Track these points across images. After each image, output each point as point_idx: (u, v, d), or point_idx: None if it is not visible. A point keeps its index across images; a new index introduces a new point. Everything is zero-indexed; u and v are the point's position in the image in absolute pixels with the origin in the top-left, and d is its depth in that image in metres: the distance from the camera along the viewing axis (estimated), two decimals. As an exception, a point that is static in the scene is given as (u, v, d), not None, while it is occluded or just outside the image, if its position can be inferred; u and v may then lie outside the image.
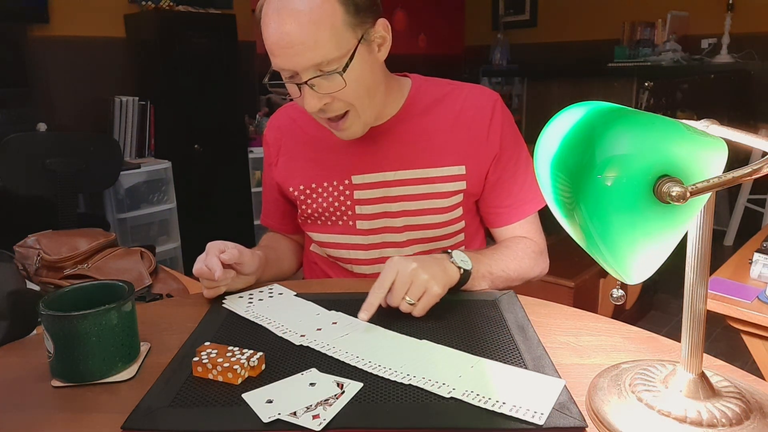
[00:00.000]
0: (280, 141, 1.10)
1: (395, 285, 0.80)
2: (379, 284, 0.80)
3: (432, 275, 0.81)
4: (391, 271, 0.80)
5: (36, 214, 2.25)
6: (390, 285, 0.80)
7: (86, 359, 0.66)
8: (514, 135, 1.04)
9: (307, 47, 0.82)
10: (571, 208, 0.49)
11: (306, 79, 0.84)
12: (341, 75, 0.85)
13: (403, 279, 0.80)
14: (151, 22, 2.80)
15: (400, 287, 0.79)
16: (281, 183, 1.09)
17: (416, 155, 1.00)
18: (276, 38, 0.83)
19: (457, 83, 1.06)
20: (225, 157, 3.08)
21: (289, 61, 0.84)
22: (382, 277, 0.81)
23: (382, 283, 0.80)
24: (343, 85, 0.86)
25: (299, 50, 0.82)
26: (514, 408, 0.58)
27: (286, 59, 0.84)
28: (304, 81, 0.85)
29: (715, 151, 0.48)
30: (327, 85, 0.86)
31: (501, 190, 1.04)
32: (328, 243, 1.07)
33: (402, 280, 0.80)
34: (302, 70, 0.84)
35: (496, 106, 1.02)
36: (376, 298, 0.79)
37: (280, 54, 0.83)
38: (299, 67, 0.84)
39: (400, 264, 0.81)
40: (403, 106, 1.02)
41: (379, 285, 0.80)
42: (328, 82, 0.86)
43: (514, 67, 4.65)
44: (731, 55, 3.51)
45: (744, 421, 0.54)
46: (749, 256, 1.37)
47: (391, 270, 0.81)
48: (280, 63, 0.85)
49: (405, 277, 0.80)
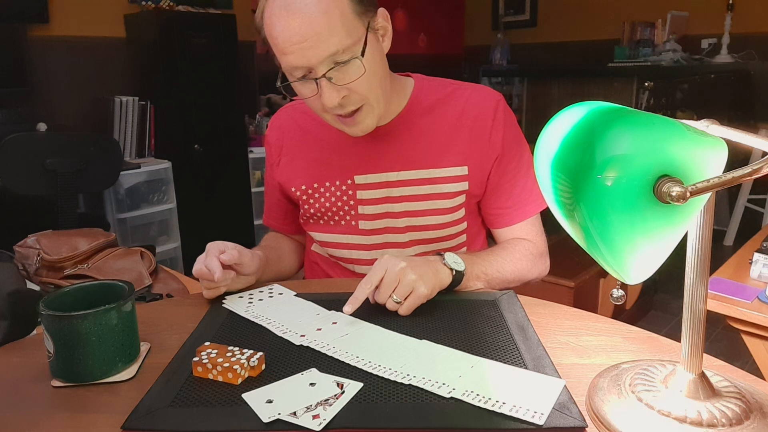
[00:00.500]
0: (281, 141, 1.10)
1: (383, 282, 0.82)
2: (367, 280, 0.82)
3: (420, 275, 0.82)
4: (380, 269, 0.82)
5: (36, 214, 2.25)
6: (378, 282, 0.82)
7: (86, 359, 0.66)
8: (517, 136, 1.04)
9: (321, 38, 0.81)
10: (571, 208, 0.49)
11: (323, 72, 0.84)
12: (360, 60, 0.84)
13: (391, 277, 0.81)
14: (151, 22, 2.80)
15: (388, 285, 0.81)
16: (283, 183, 1.09)
17: (419, 156, 1.00)
18: (288, 35, 0.82)
19: (459, 83, 1.05)
20: (225, 157, 3.08)
21: (303, 57, 0.83)
22: (370, 274, 0.82)
23: (370, 279, 0.82)
24: (362, 72, 0.85)
25: (313, 42, 0.81)
26: (514, 408, 0.58)
27: (299, 55, 0.83)
28: (321, 75, 0.84)
29: (715, 151, 0.48)
30: (344, 75, 0.85)
31: (502, 191, 1.04)
32: (330, 243, 1.07)
33: (390, 278, 0.81)
34: (317, 63, 0.83)
35: (499, 106, 1.02)
36: (363, 293, 0.81)
37: (294, 50, 0.82)
38: (314, 60, 0.83)
39: (390, 262, 0.83)
40: (406, 106, 1.02)
41: (367, 280, 0.82)
42: (345, 73, 0.85)
43: (514, 67, 4.65)
44: (731, 55, 3.51)
45: (744, 421, 0.54)
46: (749, 256, 1.37)
47: (380, 267, 0.82)
48: (293, 60, 0.84)
49: (393, 275, 0.81)
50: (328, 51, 0.82)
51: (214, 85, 2.95)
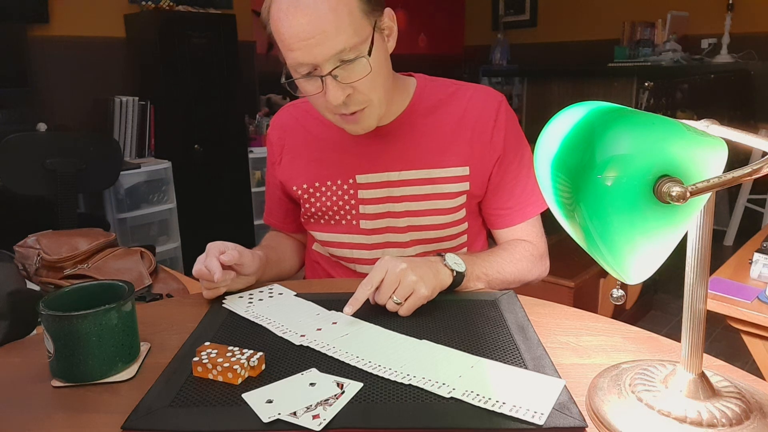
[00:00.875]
0: (283, 140, 1.10)
1: (383, 283, 0.82)
2: (368, 281, 0.82)
3: (421, 276, 0.82)
4: (381, 270, 0.82)
5: (36, 214, 2.25)
6: (378, 283, 0.82)
7: (86, 359, 0.66)
8: (518, 137, 1.04)
9: (328, 36, 0.81)
10: (571, 208, 0.49)
11: (329, 70, 0.84)
12: (367, 59, 0.84)
13: (392, 278, 0.81)
14: (151, 22, 2.80)
15: (388, 286, 0.81)
16: (285, 182, 1.09)
17: (420, 155, 1.00)
18: (295, 30, 0.82)
19: (462, 83, 1.05)
20: (225, 157, 3.08)
21: (310, 53, 0.82)
22: (371, 275, 0.82)
23: (370, 280, 0.82)
24: (367, 71, 0.85)
25: (320, 39, 0.81)
26: (514, 408, 0.58)
27: (306, 51, 0.82)
28: (327, 72, 0.84)
29: (715, 151, 0.48)
30: (349, 74, 0.85)
31: (503, 192, 1.04)
32: (331, 242, 1.07)
33: (390, 279, 0.81)
34: (324, 61, 0.83)
35: (501, 107, 1.02)
36: (363, 294, 0.81)
37: (301, 47, 0.82)
38: (321, 57, 0.83)
39: (390, 263, 0.83)
40: (409, 105, 1.02)
41: (367, 281, 0.82)
42: (351, 72, 0.85)
43: (514, 67, 4.65)
44: (731, 55, 3.51)
45: (744, 421, 0.54)
46: (749, 256, 1.37)
47: (381, 268, 0.83)
48: (299, 57, 0.83)
49: (393, 276, 0.81)
50: (335, 49, 0.82)
51: (214, 85, 2.95)
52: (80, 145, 2.17)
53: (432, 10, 4.76)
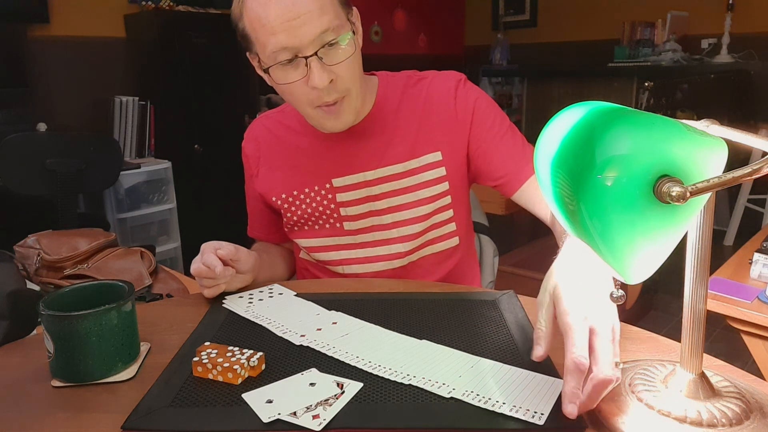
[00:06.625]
0: (258, 152, 1.10)
1: (597, 348, 0.56)
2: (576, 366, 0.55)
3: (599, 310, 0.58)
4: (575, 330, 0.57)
5: (36, 214, 2.25)
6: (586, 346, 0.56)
7: (86, 359, 0.66)
8: (488, 107, 1.03)
9: (313, 15, 0.83)
10: (572, 208, 0.49)
11: (313, 51, 0.85)
12: (352, 37, 0.87)
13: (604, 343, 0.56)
14: (151, 22, 2.80)
15: (605, 348, 0.55)
16: (264, 193, 1.09)
17: (393, 150, 1.01)
18: (279, 12, 0.83)
19: (423, 73, 1.07)
20: (225, 157, 3.07)
21: (295, 35, 0.83)
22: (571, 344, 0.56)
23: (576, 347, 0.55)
24: (351, 52, 0.87)
25: (305, 19, 0.83)
26: (514, 408, 0.58)
27: (291, 33, 0.83)
28: (311, 53, 0.85)
29: (715, 151, 0.48)
30: (333, 56, 0.87)
31: (493, 160, 1.02)
32: (316, 247, 1.07)
33: (603, 345, 0.56)
34: (308, 42, 0.84)
35: (459, 85, 1.03)
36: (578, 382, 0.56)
37: (285, 28, 0.83)
38: (306, 38, 0.84)
39: (572, 317, 0.58)
40: (375, 103, 1.03)
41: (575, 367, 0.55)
42: (334, 53, 0.87)
43: (514, 67, 4.65)
44: (731, 55, 3.51)
45: (744, 421, 0.54)
46: (749, 256, 1.37)
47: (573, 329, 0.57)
48: (284, 40, 0.84)
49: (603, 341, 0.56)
50: (320, 28, 0.84)
51: (214, 85, 2.95)
52: (80, 145, 2.17)
53: (432, 10, 4.76)
